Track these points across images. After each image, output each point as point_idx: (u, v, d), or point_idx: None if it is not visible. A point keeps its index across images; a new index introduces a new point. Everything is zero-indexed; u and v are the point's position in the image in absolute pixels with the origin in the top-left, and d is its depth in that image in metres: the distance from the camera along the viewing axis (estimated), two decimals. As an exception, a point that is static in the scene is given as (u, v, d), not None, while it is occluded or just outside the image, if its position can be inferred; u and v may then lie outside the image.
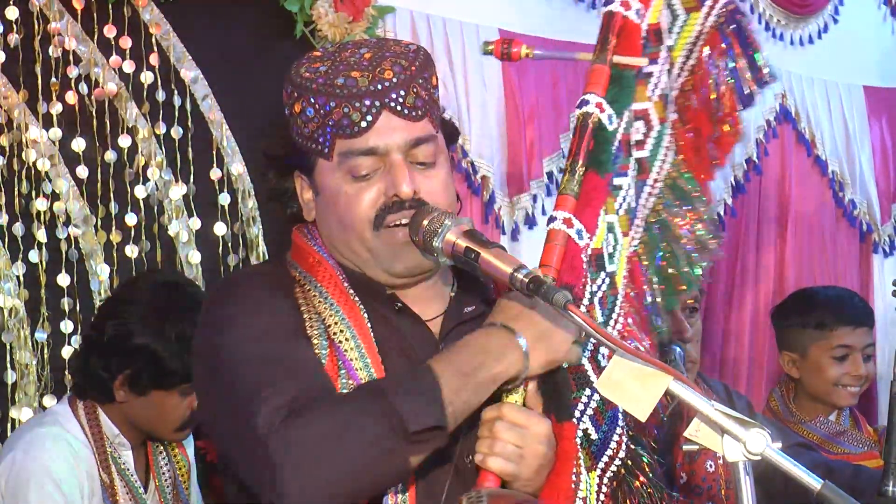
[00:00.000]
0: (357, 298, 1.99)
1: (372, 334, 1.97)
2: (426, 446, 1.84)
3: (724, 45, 2.29)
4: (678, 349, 3.02)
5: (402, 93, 1.96)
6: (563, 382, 2.00)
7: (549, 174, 4.43)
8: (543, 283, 1.84)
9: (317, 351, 1.93)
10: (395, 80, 1.95)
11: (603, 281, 2.13)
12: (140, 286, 3.09)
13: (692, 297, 3.17)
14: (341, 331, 1.95)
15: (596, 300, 2.11)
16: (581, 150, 2.11)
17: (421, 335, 2.03)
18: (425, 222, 1.94)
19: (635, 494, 2.01)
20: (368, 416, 1.81)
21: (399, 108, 1.95)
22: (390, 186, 1.96)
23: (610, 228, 2.16)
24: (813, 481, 1.71)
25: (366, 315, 1.98)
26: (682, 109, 2.30)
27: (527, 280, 1.85)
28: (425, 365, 1.88)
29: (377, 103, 1.94)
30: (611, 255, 2.15)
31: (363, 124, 1.94)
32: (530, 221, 4.36)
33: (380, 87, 1.94)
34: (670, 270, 2.24)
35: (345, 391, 1.90)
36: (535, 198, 4.38)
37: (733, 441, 1.73)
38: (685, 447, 2.36)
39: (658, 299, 2.22)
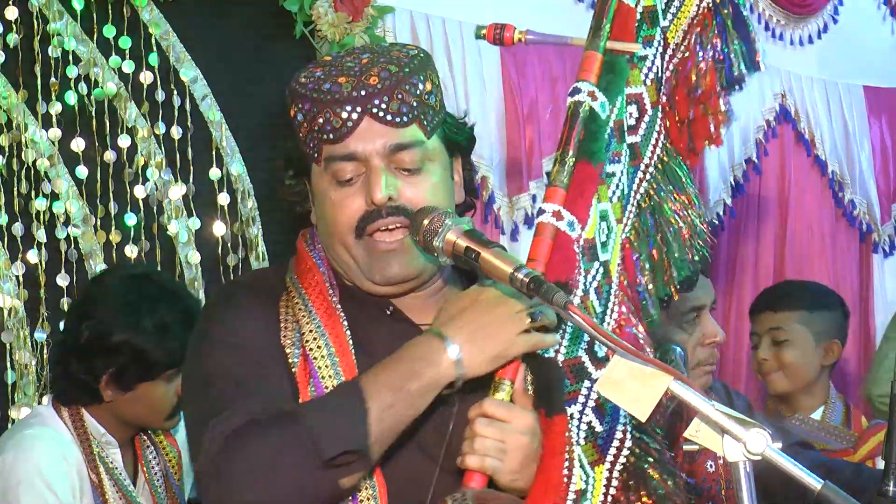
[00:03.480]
0: (339, 305, 2.00)
1: (350, 342, 1.97)
2: (349, 469, 1.84)
3: (715, 25, 2.25)
4: (678, 349, 3.00)
5: (386, 98, 1.96)
6: (556, 376, 1.99)
7: (549, 174, 4.42)
8: (543, 283, 1.84)
9: (290, 360, 1.95)
10: (379, 85, 1.95)
11: (597, 271, 2.10)
12: (107, 283, 3.05)
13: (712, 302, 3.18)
14: (314, 339, 1.96)
15: (592, 290, 2.08)
16: (571, 139, 2.09)
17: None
18: (426, 222, 1.94)
19: (649, 486, 1.98)
20: (287, 445, 1.83)
21: (381, 113, 1.96)
22: (367, 193, 1.97)
23: (603, 217, 2.12)
24: (813, 482, 1.71)
25: (345, 322, 1.98)
26: (671, 91, 2.26)
27: (527, 280, 1.85)
28: (353, 382, 1.89)
29: (358, 109, 1.95)
30: (604, 244, 2.12)
31: (343, 130, 1.95)
32: (530, 221, 4.36)
33: (363, 92, 1.95)
34: (662, 257, 2.20)
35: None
36: (534, 198, 4.37)
37: (733, 441, 1.72)
38: (685, 447, 2.35)
39: (650, 286, 2.19)
